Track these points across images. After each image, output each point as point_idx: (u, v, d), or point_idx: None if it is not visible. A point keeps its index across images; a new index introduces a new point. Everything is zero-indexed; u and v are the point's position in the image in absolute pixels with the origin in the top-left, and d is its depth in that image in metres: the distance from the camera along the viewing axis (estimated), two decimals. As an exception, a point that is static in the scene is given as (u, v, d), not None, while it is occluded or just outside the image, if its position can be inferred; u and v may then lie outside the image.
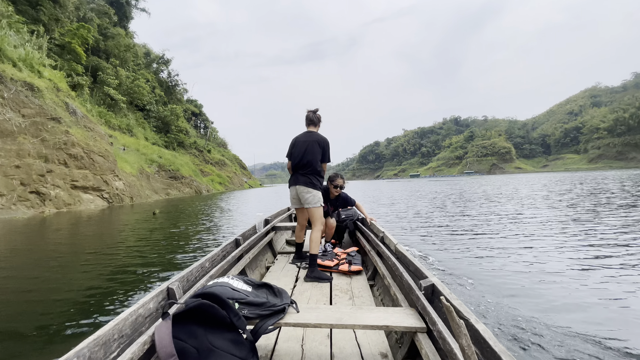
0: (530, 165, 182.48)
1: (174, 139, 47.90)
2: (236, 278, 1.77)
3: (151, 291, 1.51)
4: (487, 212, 9.76)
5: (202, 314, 1.33)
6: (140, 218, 11.05)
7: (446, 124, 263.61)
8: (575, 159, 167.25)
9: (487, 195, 16.63)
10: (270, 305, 1.60)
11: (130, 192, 18.30)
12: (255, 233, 3.55)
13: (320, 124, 3.18)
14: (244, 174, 69.70)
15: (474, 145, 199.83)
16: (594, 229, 6.44)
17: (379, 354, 1.63)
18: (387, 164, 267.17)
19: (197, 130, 65.22)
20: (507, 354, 0.96)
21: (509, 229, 6.83)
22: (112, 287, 3.66)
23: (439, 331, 1.30)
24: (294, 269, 3.20)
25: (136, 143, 29.65)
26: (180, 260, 4.89)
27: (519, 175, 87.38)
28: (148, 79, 48.39)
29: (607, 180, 27.43)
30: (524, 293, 3.27)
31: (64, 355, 0.94)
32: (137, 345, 1.19)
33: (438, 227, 7.53)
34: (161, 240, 6.75)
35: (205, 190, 35.18)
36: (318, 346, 1.70)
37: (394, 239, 2.58)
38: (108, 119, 31.16)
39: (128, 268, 4.48)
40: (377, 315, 1.59)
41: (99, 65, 34.17)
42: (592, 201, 11.40)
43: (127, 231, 8.08)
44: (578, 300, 3.07)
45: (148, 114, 45.30)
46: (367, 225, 3.79)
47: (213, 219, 10.54)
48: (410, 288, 1.77)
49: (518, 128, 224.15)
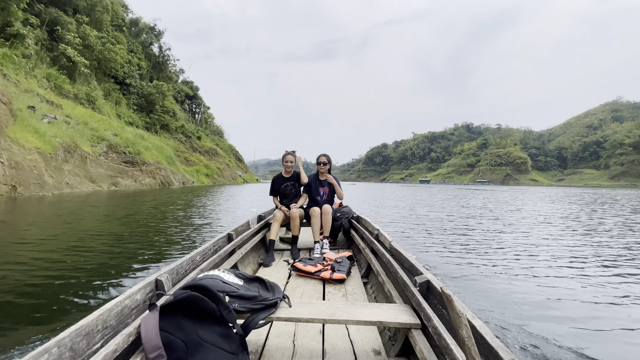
0: (545, 178, 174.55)
1: (157, 120, 41.27)
2: (227, 271, 1.71)
3: (138, 283, 1.43)
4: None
5: (191, 307, 1.29)
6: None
7: (458, 130, 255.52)
8: (595, 174, 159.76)
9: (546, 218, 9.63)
10: (262, 299, 1.55)
11: (15, 177, 11.51)
12: (248, 228, 3.44)
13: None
14: (240, 167, 62.92)
15: (488, 153, 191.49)
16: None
17: (372, 351, 1.60)
18: (394, 167, 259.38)
19: (191, 115, 58.58)
20: (505, 350, 0.95)
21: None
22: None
23: (434, 327, 1.28)
24: (287, 266, 3.11)
25: (89, 115, 22.96)
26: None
27: (538, 188, 79.52)
28: (132, 50, 41.77)
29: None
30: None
31: (43, 345, 0.91)
32: (121, 337, 1.13)
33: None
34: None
35: (180, 182, 28.42)
36: (310, 342, 1.67)
37: (388, 236, 2.58)
38: (59, 83, 24.52)
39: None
40: (371, 311, 1.57)
41: (58, 19, 27.53)
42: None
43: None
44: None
45: (128, 88, 38.74)
46: (361, 223, 3.72)
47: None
48: (405, 284, 1.74)
49: (533, 139, 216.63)
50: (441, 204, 15.64)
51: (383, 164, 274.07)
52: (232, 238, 2.83)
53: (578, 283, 3.67)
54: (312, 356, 1.55)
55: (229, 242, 2.74)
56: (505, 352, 0.94)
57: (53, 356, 0.90)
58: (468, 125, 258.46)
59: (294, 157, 3.81)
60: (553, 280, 3.75)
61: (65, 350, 0.95)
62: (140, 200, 12.76)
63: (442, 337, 1.18)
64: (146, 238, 5.47)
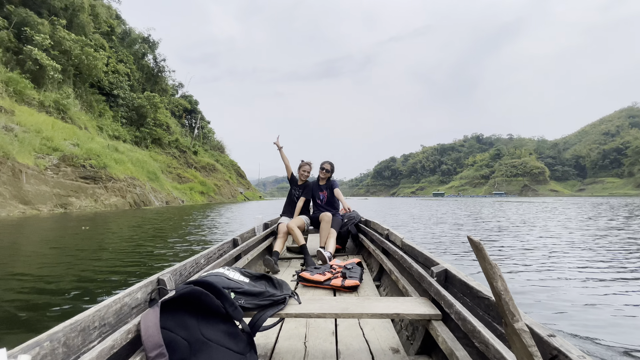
0: (564, 188, 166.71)
1: (149, 134, 37.61)
2: (232, 269, 1.63)
3: (140, 281, 1.33)
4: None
5: (195, 303, 1.19)
6: None
7: (468, 141, 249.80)
8: (618, 183, 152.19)
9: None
10: (269, 295, 1.46)
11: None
12: (254, 235, 3.38)
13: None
14: (242, 184, 58.68)
15: (502, 164, 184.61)
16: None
17: (390, 349, 1.50)
18: (403, 181, 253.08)
19: (190, 129, 55.17)
20: (538, 325, 0.88)
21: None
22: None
23: (457, 312, 1.19)
24: (293, 276, 2.86)
25: (48, 124, 19.03)
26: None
27: (564, 198, 72.41)
28: (122, 60, 38.81)
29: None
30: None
31: (35, 337, 0.82)
32: (119, 334, 1.04)
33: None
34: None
35: (162, 201, 24.07)
36: (322, 343, 1.57)
37: (399, 234, 2.48)
38: (20, 88, 20.88)
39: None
40: (386, 304, 1.48)
41: (27, 20, 24.35)
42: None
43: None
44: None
45: (115, 100, 35.39)
46: (370, 226, 3.66)
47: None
48: (421, 276, 1.67)
49: (548, 148, 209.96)
50: (496, 222, 10.74)
51: (392, 178, 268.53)
52: (238, 243, 2.72)
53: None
54: (326, 357, 1.44)
55: (235, 247, 2.62)
56: (539, 328, 0.86)
57: (45, 350, 0.83)
58: (478, 136, 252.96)
59: (310, 167, 3.92)
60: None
61: (58, 345, 0.87)
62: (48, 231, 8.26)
63: (467, 322, 1.09)
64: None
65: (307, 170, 3.86)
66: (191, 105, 56.09)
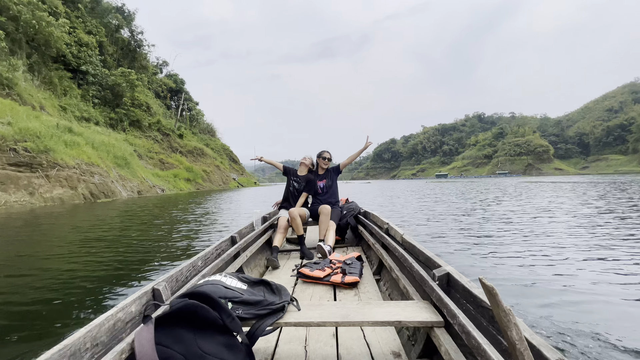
0: (568, 166, 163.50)
1: (125, 116, 33.71)
2: (230, 275, 1.60)
3: (133, 293, 1.28)
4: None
5: (190, 316, 1.18)
6: None
7: (469, 121, 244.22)
8: (622, 160, 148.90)
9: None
10: (267, 304, 1.44)
11: None
12: (252, 230, 3.28)
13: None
14: (235, 169, 55.08)
15: (506, 143, 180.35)
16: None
17: (391, 353, 1.49)
18: (404, 163, 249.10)
19: (177, 111, 50.96)
20: (551, 350, 0.81)
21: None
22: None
23: (460, 325, 1.15)
24: (295, 267, 2.92)
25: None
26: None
27: (569, 177, 68.69)
28: (91, 31, 34.33)
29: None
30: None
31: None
32: (112, 355, 1.01)
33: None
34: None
35: (133, 190, 20.62)
36: (323, 347, 1.55)
37: (399, 229, 2.41)
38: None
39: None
40: (388, 310, 1.45)
41: (-43, -26, 20.09)
42: None
43: None
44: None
45: (85, 77, 31.29)
46: (369, 218, 3.54)
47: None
48: (423, 279, 1.62)
49: (551, 126, 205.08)
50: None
51: (392, 160, 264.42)
52: (236, 241, 2.65)
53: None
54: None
55: (233, 245, 2.57)
56: (551, 352, 0.80)
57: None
58: (480, 115, 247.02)
59: (311, 160, 3.88)
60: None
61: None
62: None
63: (471, 336, 1.06)
64: None
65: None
66: (177, 84, 51.65)
